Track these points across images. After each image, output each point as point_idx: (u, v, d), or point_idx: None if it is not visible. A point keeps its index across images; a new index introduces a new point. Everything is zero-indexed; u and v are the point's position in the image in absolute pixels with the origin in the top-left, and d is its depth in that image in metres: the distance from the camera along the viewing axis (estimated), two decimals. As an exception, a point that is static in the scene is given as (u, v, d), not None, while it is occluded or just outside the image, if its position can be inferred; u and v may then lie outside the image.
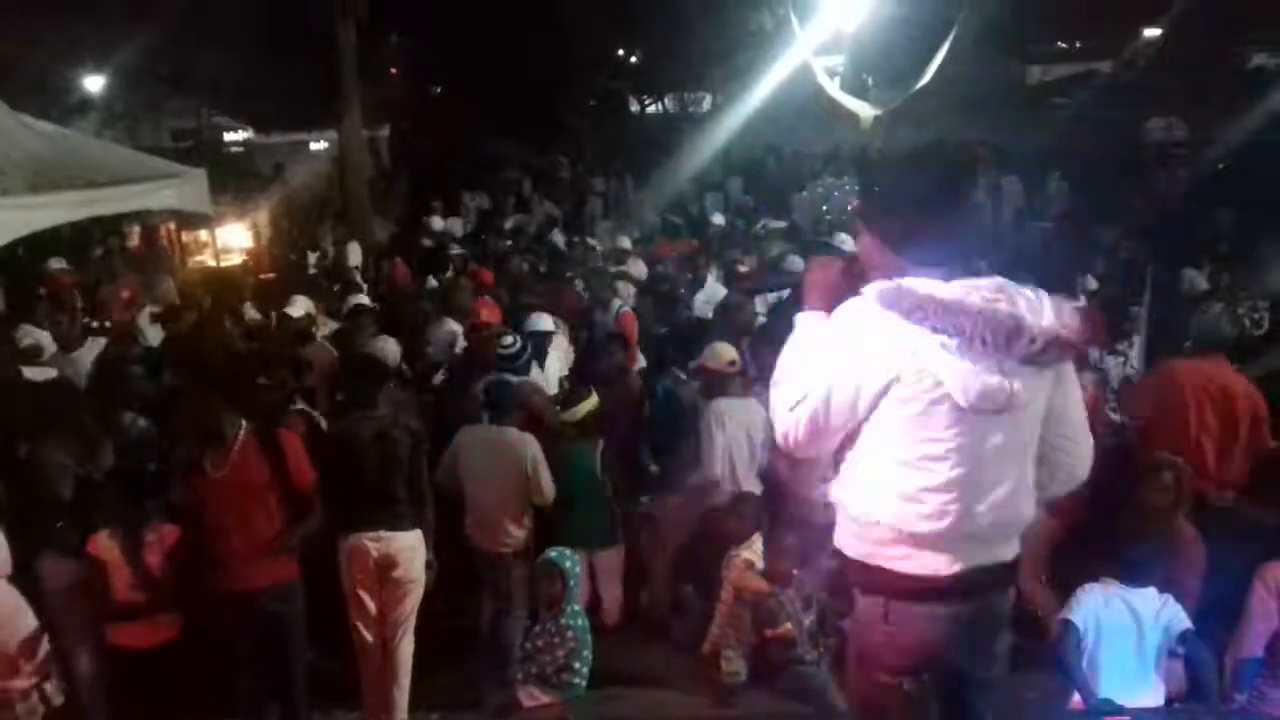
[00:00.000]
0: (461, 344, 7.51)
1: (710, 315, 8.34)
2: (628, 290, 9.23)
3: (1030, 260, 11.44)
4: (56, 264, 10.14)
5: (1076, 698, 4.26)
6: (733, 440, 5.90)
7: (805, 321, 2.78)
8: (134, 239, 13.16)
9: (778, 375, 2.75)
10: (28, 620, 4.43)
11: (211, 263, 11.86)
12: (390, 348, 6.98)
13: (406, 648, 5.24)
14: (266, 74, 21.01)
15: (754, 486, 5.92)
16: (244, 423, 4.81)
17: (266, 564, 4.73)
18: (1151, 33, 20.59)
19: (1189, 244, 10.80)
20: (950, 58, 17.02)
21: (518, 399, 5.96)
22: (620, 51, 25.25)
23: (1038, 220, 15.12)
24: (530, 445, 5.63)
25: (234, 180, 15.44)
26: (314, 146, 20.67)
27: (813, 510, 5.69)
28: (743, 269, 10.15)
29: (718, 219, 14.09)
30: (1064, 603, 4.40)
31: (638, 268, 10.61)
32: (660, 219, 15.23)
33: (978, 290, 2.53)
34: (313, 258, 12.86)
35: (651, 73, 24.99)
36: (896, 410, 2.57)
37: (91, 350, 7.36)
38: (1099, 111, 16.49)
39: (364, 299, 8.75)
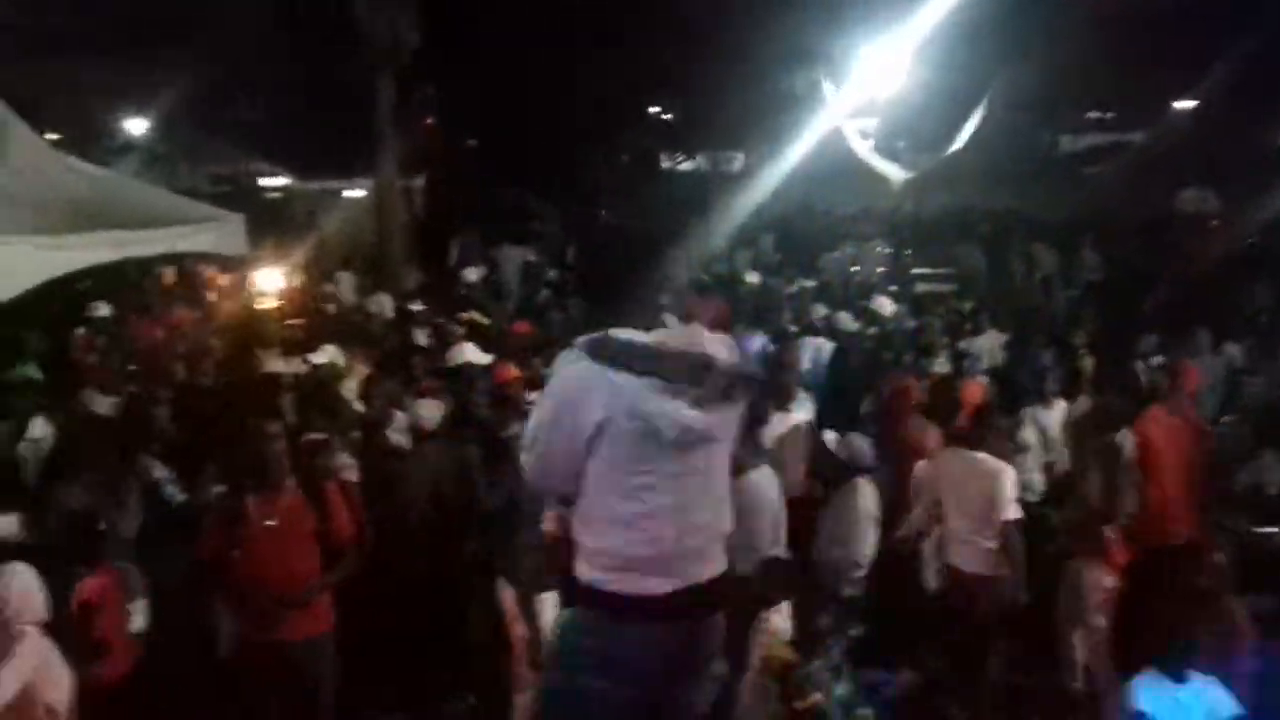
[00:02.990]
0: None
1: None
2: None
3: (1058, 326, 11.47)
4: (104, 310, 10.23)
5: None
6: (752, 510, 5.72)
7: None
8: (169, 279, 13.28)
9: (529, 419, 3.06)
10: (62, 667, 4.36)
11: (245, 306, 11.95)
12: (429, 412, 6.55)
13: None
14: (305, 122, 21.38)
15: (781, 552, 5.83)
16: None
17: (301, 614, 4.72)
18: (1183, 105, 20.65)
19: (1225, 316, 10.76)
20: (982, 125, 17.20)
21: None
22: (654, 109, 25.53)
23: (1069, 288, 15.06)
24: None
25: (270, 225, 15.60)
26: (349, 194, 20.91)
27: (841, 581, 5.70)
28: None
29: (752, 277, 14.11)
30: (1119, 683, 4.43)
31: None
32: (690, 276, 15.23)
33: (674, 336, 2.89)
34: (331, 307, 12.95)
35: (685, 131, 25.23)
36: (611, 448, 2.83)
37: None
38: (1131, 181, 16.50)
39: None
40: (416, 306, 11.15)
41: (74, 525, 5.07)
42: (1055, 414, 7.58)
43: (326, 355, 8.11)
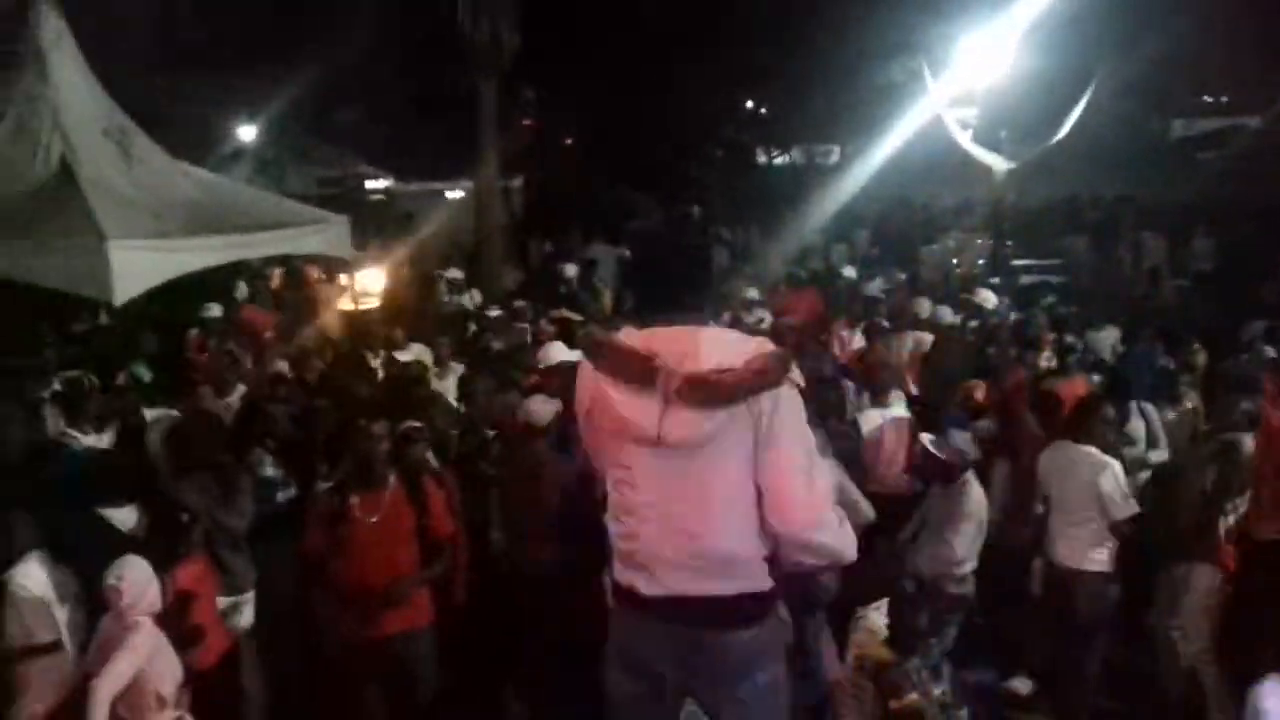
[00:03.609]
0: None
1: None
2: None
3: (1167, 317, 11.10)
4: (216, 310, 10.57)
5: None
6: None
7: None
8: (275, 281, 13.70)
9: None
10: (173, 658, 4.48)
11: (349, 306, 12.24)
12: (541, 409, 5.93)
13: None
14: (408, 126, 21.83)
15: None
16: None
17: (400, 609, 4.80)
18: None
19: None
20: (1089, 111, 16.67)
21: None
22: (749, 103, 25.36)
23: (1178, 278, 14.57)
24: None
25: (374, 226, 15.97)
26: (449, 195, 21.29)
27: (941, 578, 5.62)
28: None
29: (849, 271, 13.97)
30: (1233, 688, 4.20)
31: (765, 319, 10.56)
32: (785, 271, 15.16)
33: (653, 336, 2.79)
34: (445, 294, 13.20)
35: (780, 125, 25.01)
36: (597, 440, 2.94)
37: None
38: (1246, 167, 15.86)
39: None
40: (494, 312, 11.20)
41: (164, 517, 5.15)
42: (1169, 413, 7.38)
43: (413, 353, 8.24)
